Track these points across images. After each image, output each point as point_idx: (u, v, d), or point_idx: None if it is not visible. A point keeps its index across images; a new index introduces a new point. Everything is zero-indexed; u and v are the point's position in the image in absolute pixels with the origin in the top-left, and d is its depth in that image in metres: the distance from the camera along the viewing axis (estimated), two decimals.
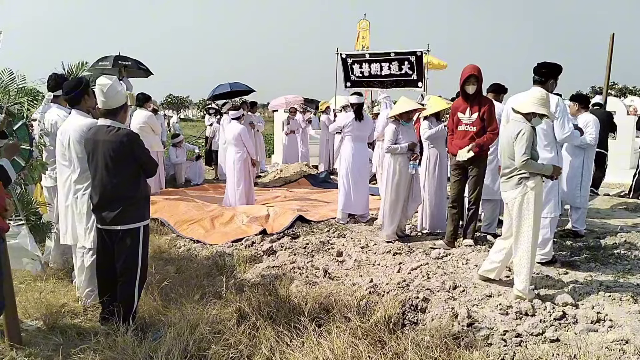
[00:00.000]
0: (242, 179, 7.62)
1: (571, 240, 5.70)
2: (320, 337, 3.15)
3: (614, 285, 4.10)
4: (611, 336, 3.21)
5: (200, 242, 5.91)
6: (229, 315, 3.54)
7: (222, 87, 11.88)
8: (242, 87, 11.97)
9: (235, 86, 11.89)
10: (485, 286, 4.16)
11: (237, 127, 7.66)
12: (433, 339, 3.14)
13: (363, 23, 13.38)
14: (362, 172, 6.74)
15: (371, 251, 5.25)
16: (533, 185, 3.84)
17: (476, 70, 5.09)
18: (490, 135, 5.08)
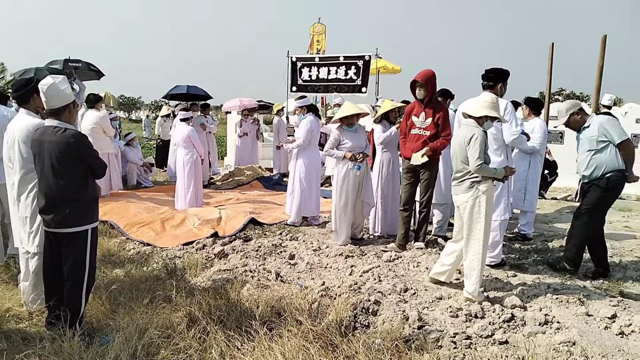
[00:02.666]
0: (192, 181, 7.49)
1: (520, 243, 5.87)
2: (272, 341, 3.10)
3: (561, 287, 4.23)
4: (559, 338, 3.30)
5: (151, 245, 5.72)
6: (179, 320, 3.44)
7: (179, 88, 11.65)
8: (199, 92, 11.79)
9: (193, 89, 11.70)
10: (436, 289, 4.20)
11: (185, 128, 7.54)
12: (384, 341, 3.13)
13: (318, 27, 13.40)
14: (315, 174, 6.72)
15: (323, 254, 5.22)
16: (484, 189, 3.91)
17: (420, 77, 5.11)
18: (443, 140, 5.15)
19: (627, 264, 5.06)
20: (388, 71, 14.06)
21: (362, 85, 9.24)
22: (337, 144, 5.62)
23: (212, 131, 11.08)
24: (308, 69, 9.63)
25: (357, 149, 5.59)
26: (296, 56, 9.77)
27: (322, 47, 13.17)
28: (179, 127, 7.70)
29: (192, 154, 7.50)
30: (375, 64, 10.10)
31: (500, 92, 4.64)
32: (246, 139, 11.88)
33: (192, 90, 11.57)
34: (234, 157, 12.18)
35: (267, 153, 13.25)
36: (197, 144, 7.60)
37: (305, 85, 9.69)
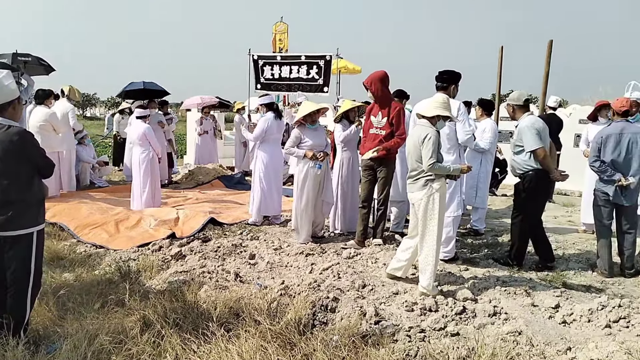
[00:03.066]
0: (148, 180, 7.32)
1: (472, 238, 6.08)
2: (229, 342, 3.09)
3: (509, 280, 4.41)
4: (506, 328, 3.44)
5: (103, 247, 5.58)
6: (132, 324, 3.37)
7: (134, 85, 11.31)
8: (156, 87, 11.50)
9: (150, 85, 11.37)
10: (393, 284, 4.30)
11: (141, 126, 7.37)
12: (342, 338, 3.19)
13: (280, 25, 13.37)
14: (277, 173, 6.72)
15: (284, 253, 5.24)
16: (438, 187, 4.04)
17: (367, 80, 5.29)
18: (397, 139, 5.26)
19: (570, 257, 5.33)
20: (349, 71, 14.19)
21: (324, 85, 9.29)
22: (298, 142, 5.66)
23: (172, 129, 10.87)
24: (270, 68, 9.60)
25: (317, 147, 5.64)
26: (258, 54, 9.72)
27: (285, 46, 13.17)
28: (134, 125, 7.51)
29: (149, 152, 7.34)
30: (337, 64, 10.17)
31: (453, 93, 4.80)
32: (206, 137, 11.73)
33: (149, 86, 11.24)
34: (194, 156, 12.01)
35: (228, 152, 13.13)
36: (154, 142, 7.45)
37: (268, 84, 9.66)
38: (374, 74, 5.32)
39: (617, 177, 4.65)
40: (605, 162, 4.73)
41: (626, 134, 4.69)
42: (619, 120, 4.80)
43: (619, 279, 4.71)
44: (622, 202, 4.71)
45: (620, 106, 4.80)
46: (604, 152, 4.73)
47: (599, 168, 4.75)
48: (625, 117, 4.82)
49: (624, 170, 4.69)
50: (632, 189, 4.70)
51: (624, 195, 4.70)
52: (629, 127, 4.75)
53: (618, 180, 4.64)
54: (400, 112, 5.31)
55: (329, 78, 9.06)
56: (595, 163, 4.78)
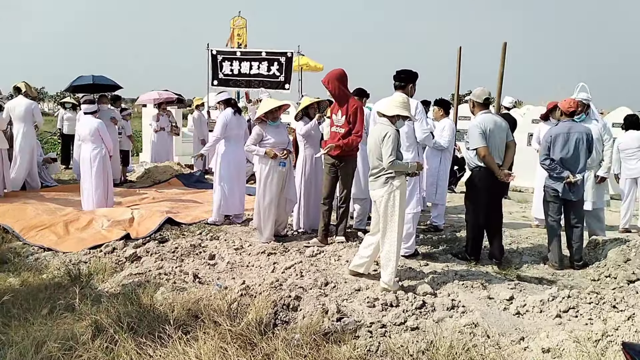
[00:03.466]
0: (101, 179, 7.00)
1: (432, 234, 6.18)
2: (187, 345, 2.99)
3: (467, 274, 4.49)
4: (463, 321, 3.51)
5: (52, 249, 5.33)
6: (83, 330, 3.23)
7: (83, 79, 10.86)
8: (106, 82, 11.06)
9: (99, 80, 10.93)
10: (355, 281, 4.30)
11: (93, 121, 7.05)
12: (303, 336, 3.15)
13: (238, 20, 13.16)
14: (239, 171, 6.60)
15: (245, 252, 5.15)
16: (399, 184, 4.07)
17: (324, 79, 5.34)
18: (354, 137, 5.28)
19: (523, 251, 5.51)
20: (310, 69, 14.17)
21: (286, 82, 9.25)
22: (259, 139, 5.57)
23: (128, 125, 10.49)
24: (229, 63, 9.47)
25: (279, 145, 5.58)
26: (217, 49, 9.55)
27: (243, 42, 12.97)
28: (85, 121, 7.15)
29: (101, 149, 7.01)
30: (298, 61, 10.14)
31: (411, 93, 4.85)
32: (163, 134, 11.40)
33: (98, 81, 10.81)
34: (150, 154, 11.65)
35: (187, 149, 12.81)
36: (106, 138, 7.12)
37: (227, 80, 9.52)
38: (331, 73, 5.35)
39: (565, 174, 4.85)
40: (554, 160, 4.91)
41: (573, 133, 4.89)
42: (566, 120, 5.00)
43: (568, 271, 4.92)
44: (570, 197, 4.92)
45: (568, 107, 5.01)
46: (553, 151, 4.92)
47: (548, 166, 4.94)
48: (572, 117, 5.04)
49: (572, 167, 4.89)
50: (579, 185, 4.92)
51: (572, 192, 4.91)
52: (576, 127, 4.97)
53: (566, 178, 4.84)
54: (358, 110, 5.31)
55: (291, 75, 9.03)
56: (545, 161, 4.96)
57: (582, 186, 5.01)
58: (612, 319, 3.24)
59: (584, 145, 4.89)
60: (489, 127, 4.85)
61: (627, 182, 6.74)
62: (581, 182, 4.94)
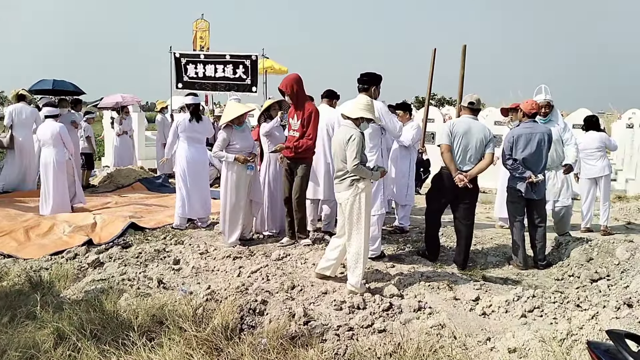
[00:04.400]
0: (63, 182, 6.93)
1: (397, 235, 6.24)
2: (151, 351, 2.94)
3: (433, 275, 4.56)
4: (430, 322, 3.55)
5: (12, 256, 5.15)
6: (45, 338, 3.14)
7: (43, 83, 10.52)
8: (67, 87, 10.78)
9: (60, 85, 10.63)
10: (322, 284, 4.30)
11: (54, 125, 6.96)
12: (270, 340, 3.13)
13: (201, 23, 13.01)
14: (201, 174, 6.52)
15: (210, 257, 5.09)
16: (363, 187, 4.10)
17: (282, 84, 5.43)
18: (305, 140, 5.36)
19: (488, 251, 5.63)
20: (275, 71, 14.12)
21: (252, 85, 9.20)
22: (226, 144, 5.53)
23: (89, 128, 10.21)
24: (194, 66, 9.36)
25: (246, 149, 5.57)
26: (180, 52, 9.42)
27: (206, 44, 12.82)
28: (46, 124, 7.04)
29: (63, 152, 6.94)
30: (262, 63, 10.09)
31: (374, 95, 4.90)
32: (126, 138, 11.18)
33: (58, 86, 10.52)
34: (113, 158, 11.39)
35: (150, 153, 12.59)
36: (68, 141, 7.05)
37: (192, 83, 9.39)
38: (288, 77, 5.50)
39: (527, 174, 4.99)
40: (517, 160, 5.04)
41: (535, 133, 5.04)
42: (528, 121, 5.15)
43: (533, 271, 5.04)
44: (533, 196, 5.06)
45: (530, 108, 5.16)
46: (516, 151, 5.06)
47: (511, 166, 5.08)
48: (533, 118, 5.19)
49: (534, 167, 5.04)
50: (540, 185, 5.07)
51: (534, 191, 5.05)
52: (537, 127, 5.13)
53: (529, 178, 4.97)
54: (312, 114, 5.40)
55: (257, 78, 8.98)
56: (508, 161, 5.10)
57: (543, 185, 5.15)
58: (577, 318, 3.30)
59: (545, 146, 5.04)
60: (458, 129, 4.93)
61: (587, 182, 6.95)
62: (543, 182, 5.08)
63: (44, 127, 7.07)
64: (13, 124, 8.43)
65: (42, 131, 7.08)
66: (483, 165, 4.90)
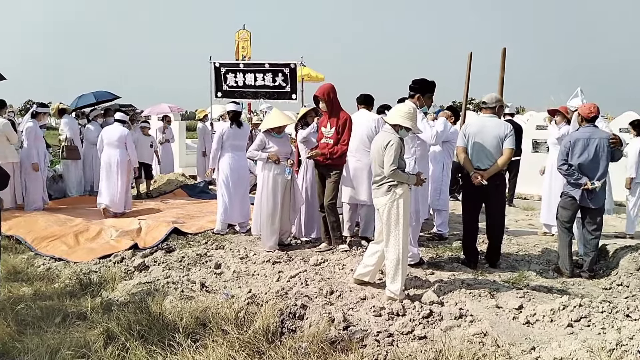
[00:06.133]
0: (127, 182, 7.77)
1: (436, 242, 6.17)
2: (196, 352, 3.03)
3: (474, 282, 4.48)
4: (472, 330, 3.50)
5: (63, 259, 5.39)
6: (95, 337, 3.28)
7: (85, 98, 11.08)
8: (106, 96, 11.35)
9: (100, 95, 11.21)
10: (360, 289, 4.31)
11: (122, 128, 7.74)
12: (310, 345, 3.17)
13: (243, 33, 13.30)
14: (242, 181, 6.67)
15: (250, 261, 5.18)
16: (401, 192, 4.09)
17: (319, 92, 5.53)
18: (340, 146, 5.43)
19: (531, 258, 5.49)
20: (312, 79, 14.26)
21: (292, 92, 9.32)
22: (262, 147, 5.67)
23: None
24: (233, 75, 9.55)
25: (282, 154, 5.66)
26: (219, 62, 9.64)
27: (248, 54, 13.09)
28: (114, 127, 7.76)
29: (126, 154, 7.67)
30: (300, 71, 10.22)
31: (421, 103, 4.86)
32: (167, 146, 11.53)
33: (100, 97, 11.13)
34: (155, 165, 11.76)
35: (191, 160, 12.91)
36: (131, 146, 7.77)
37: (232, 91, 9.59)
38: (324, 86, 5.62)
39: (583, 181, 4.81)
40: (572, 166, 4.89)
41: (594, 139, 4.85)
42: (587, 126, 4.97)
43: (579, 280, 4.87)
44: (588, 204, 4.87)
45: (589, 112, 4.98)
46: (572, 156, 4.89)
47: (566, 171, 4.91)
48: (592, 122, 4.98)
49: (590, 173, 4.83)
50: (597, 193, 4.84)
51: (590, 199, 4.85)
52: (596, 133, 4.90)
53: (584, 184, 4.81)
54: (347, 121, 5.48)
55: (296, 85, 9.09)
56: (563, 166, 4.93)
57: (602, 194, 4.92)
58: (627, 328, 3.20)
59: (604, 152, 4.84)
60: (470, 129, 5.02)
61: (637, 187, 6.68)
62: (601, 190, 4.85)
63: (112, 129, 7.72)
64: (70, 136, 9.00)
65: (109, 133, 7.70)
66: (501, 161, 4.86)
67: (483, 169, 4.88)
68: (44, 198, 7.90)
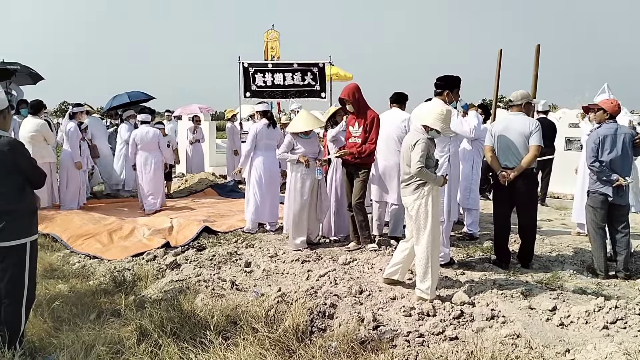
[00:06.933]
0: (162, 180, 8.21)
1: (467, 242, 6.08)
2: (227, 350, 3.07)
3: (506, 283, 4.41)
4: (504, 331, 3.44)
5: (97, 257, 5.54)
6: (129, 334, 3.35)
7: (120, 98, 11.34)
8: (140, 96, 11.56)
9: (134, 95, 11.44)
10: (390, 289, 4.29)
11: (151, 130, 8.09)
12: (340, 344, 3.17)
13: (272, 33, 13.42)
14: (274, 180, 6.74)
15: (280, 260, 5.22)
16: (430, 191, 4.04)
17: (344, 94, 5.51)
18: (368, 145, 5.41)
19: (565, 259, 5.35)
20: (340, 78, 14.26)
21: (322, 91, 9.35)
22: (290, 148, 5.72)
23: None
24: (262, 75, 9.62)
25: (310, 155, 5.69)
26: (248, 62, 9.73)
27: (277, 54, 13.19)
28: (143, 130, 8.02)
29: (160, 154, 8.09)
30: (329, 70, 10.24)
31: (449, 99, 4.80)
32: (198, 146, 11.72)
33: (134, 97, 11.34)
34: (186, 165, 11.96)
35: (220, 160, 13.08)
36: (164, 145, 8.15)
37: (261, 91, 9.67)
38: (348, 86, 5.58)
39: (614, 177, 4.70)
40: (603, 162, 4.77)
41: (620, 134, 4.78)
42: (611, 122, 4.87)
43: (614, 281, 4.74)
44: (620, 202, 4.78)
45: (616, 108, 4.89)
46: (602, 153, 4.78)
47: (598, 168, 4.80)
48: (614, 118, 4.91)
49: (620, 170, 4.75)
50: (626, 189, 4.78)
51: (620, 195, 4.76)
52: (621, 128, 4.88)
53: (616, 180, 4.69)
54: (375, 120, 5.45)
55: (325, 84, 9.12)
56: (594, 164, 4.81)
57: (628, 190, 4.86)
58: None
59: (629, 147, 4.78)
60: (496, 128, 4.97)
61: None
62: (627, 186, 4.78)
63: (144, 131, 8.03)
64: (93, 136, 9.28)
65: (143, 135, 7.99)
66: (527, 159, 4.77)
67: (510, 167, 4.80)
68: (80, 197, 8.12)
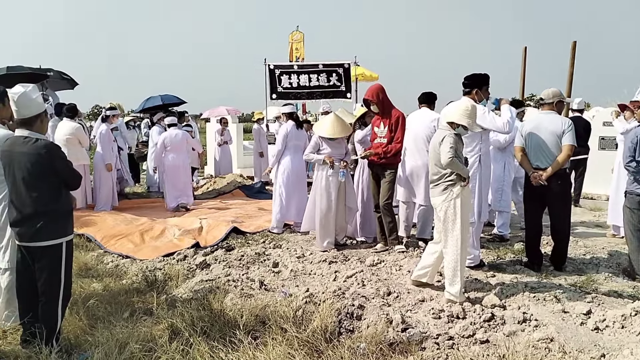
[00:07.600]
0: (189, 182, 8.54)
1: (497, 244, 5.98)
2: (257, 349, 3.10)
3: (538, 286, 4.32)
4: (537, 335, 3.37)
5: (130, 257, 5.66)
6: (161, 332, 3.41)
7: (153, 100, 11.61)
8: (173, 100, 11.82)
9: (167, 98, 11.71)
10: (418, 291, 4.25)
11: (179, 132, 8.28)
12: (369, 345, 3.16)
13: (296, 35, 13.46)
14: (301, 181, 6.80)
15: (307, 260, 5.24)
16: (459, 192, 3.99)
17: (368, 95, 5.51)
18: (394, 145, 5.38)
19: (600, 262, 5.20)
20: (366, 78, 14.22)
21: (347, 91, 9.38)
22: (317, 148, 5.75)
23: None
24: (287, 77, 9.69)
25: (336, 156, 5.69)
26: (274, 64, 9.80)
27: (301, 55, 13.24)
28: (172, 132, 8.20)
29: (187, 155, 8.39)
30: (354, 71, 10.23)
31: (478, 97, 4.74)
32: (226, 148, 11.86)
33: (166, 100, 11.59)
34: (214, 167, 12.13)
35: (247, 161, 13.22)
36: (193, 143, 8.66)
37: (287, 93, 9.73)
38: (372, 87, 5.58)
39: None
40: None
41: None
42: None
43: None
44: None
45: None
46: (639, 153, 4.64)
47: (634, 169, 4.65)
48: None
49: None
50: None
51: None
52: None
53: None
54: (400, 119, 5.42)
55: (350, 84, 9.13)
56: (631, 163, 4.67)
57: None
58: None
59: None
60: (526, 127, 4.88)
61: None
62: None
63: (173, 134, 8.21)
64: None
65: (173, 138, 8.18)
66: (560, 159, 4.65)
67: (542, 168, 4.70)
68: (113, 199, 8.32)
